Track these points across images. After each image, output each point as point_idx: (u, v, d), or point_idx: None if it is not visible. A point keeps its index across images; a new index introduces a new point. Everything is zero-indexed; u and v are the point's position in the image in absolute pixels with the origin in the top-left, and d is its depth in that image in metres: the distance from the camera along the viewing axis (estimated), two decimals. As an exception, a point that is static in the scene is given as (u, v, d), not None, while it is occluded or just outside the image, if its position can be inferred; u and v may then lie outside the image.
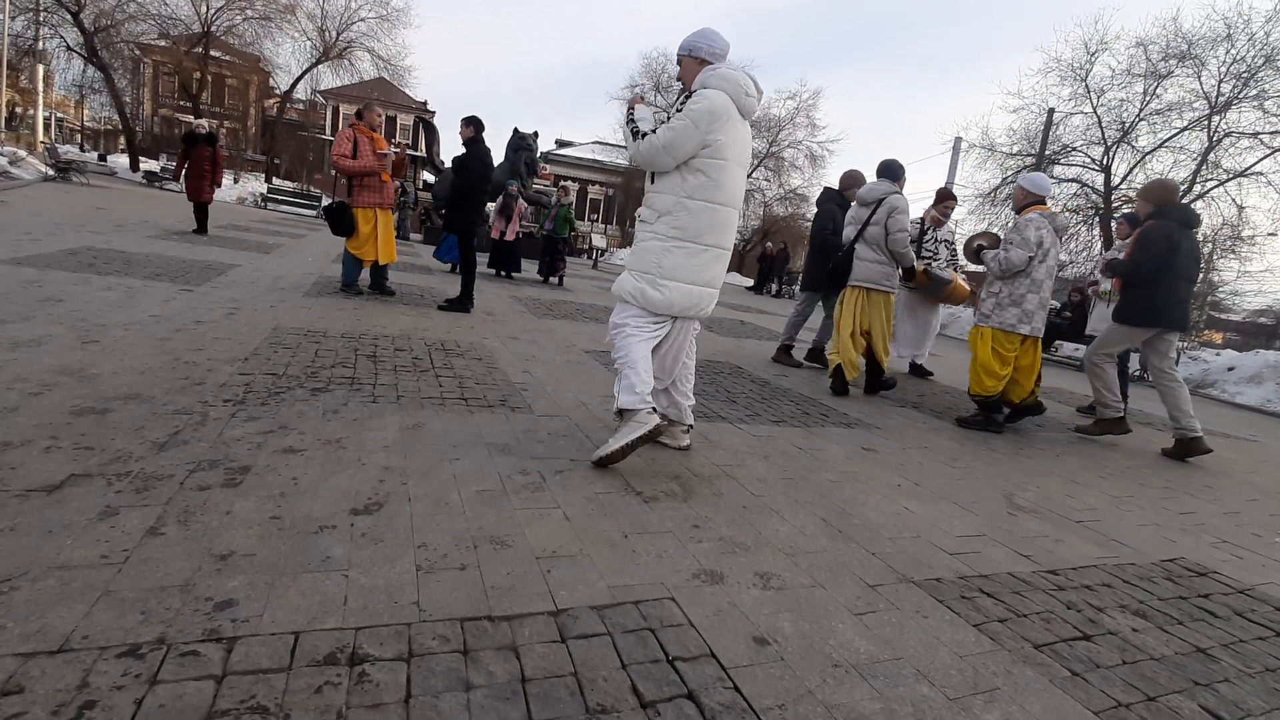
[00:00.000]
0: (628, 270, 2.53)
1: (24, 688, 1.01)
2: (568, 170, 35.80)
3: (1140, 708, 1.42)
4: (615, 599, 1.52)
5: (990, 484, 2.99)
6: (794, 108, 28.20)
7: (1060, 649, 1.61)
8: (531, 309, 6.79)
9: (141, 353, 2.92)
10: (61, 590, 1.25)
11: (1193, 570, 2.33)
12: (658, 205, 2.44)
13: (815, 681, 1.33)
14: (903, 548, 2.09)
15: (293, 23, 26.72)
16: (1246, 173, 15.41)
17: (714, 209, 2.41)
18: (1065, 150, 17.91)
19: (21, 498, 1.56)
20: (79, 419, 2.08)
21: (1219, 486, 3.72)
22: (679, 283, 2.42)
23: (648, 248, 2.46)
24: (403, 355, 3.68)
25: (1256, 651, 1.77)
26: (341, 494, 1.84)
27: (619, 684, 1.23)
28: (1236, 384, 9.27)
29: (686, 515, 2.07)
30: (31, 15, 21.37)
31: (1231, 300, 19.67)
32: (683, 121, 2.29)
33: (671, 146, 2.31)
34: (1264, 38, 14.38)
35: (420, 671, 1.18)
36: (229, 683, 1.08)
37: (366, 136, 5.49)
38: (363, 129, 5.50)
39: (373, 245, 5.62)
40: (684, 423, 2.73)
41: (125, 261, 5.43)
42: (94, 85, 25.61)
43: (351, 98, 40.06)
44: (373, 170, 5.45)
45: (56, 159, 16.36)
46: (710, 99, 2.31)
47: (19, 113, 27.59)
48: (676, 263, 2.41)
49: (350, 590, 1.39)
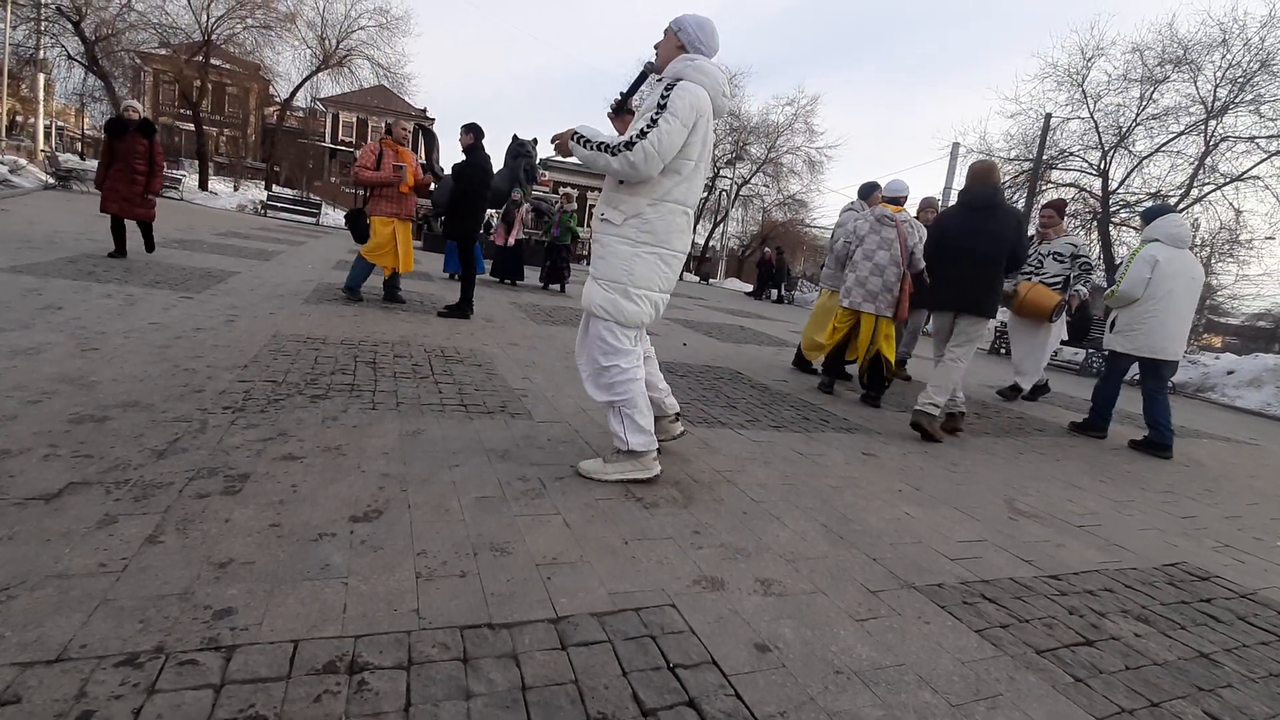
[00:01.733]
0: (593, 279, 2.29)
1: (21, 697, 1.01)
2: (567, 177, 35.91)
3: (1144, 713, 1.41)
4: (616, 606, 1.51)
5: (991, 489, 2.98)
6: (792, 113, 28.33)
7: (1063, 654, 1.61)
8: (531, 315, 6.79)
9: (141, 360, 2.92)
10: (60, 599, 1.25)
11: (1195, 575, 2.32)
12: (626, 207, 2.22)
13: (817, 688, 1.32)
14: (904, 553, 2.08)
15: (293, 31, 26.83)
16: (1243, 177, 15.48)
17: (683, 211, 2.27)
18: (1063, 155, 17.99)
19: (20, 506, 1.56)
20: (78, 427, 2.08)
21: (1220, 490, 3.71)
22: (650, 291, 2.26)
23: (615, 252, 2.23)
24: (402, 362, 3.68)
25: (1260, 656, 1.76)
26: (341, 501, 1.84)
27: (620, 691, 1.22)
28: (1236, 388, 9.27)
29: (687, 521, 2.06)
30: (32, 24, 21.45)
31: (1230, 304, 19.72)
32: (669, 122, 2.07)
33: (664, 151, 2.10)
34: (1259, 43, 14.48)
35: (420, 680, 1.17)
36: (228, 691, 1.08)
37: (392, 150, 5.59)
38: (390, 142, 5.63)
39: (392, 253, 5.68)
40: (669, 414, 2.70)
41: (125, 269, 5.44)
42: (95, 94, 25.74)
43: (351, 105, 40.30)
44: (387, 181, 5.51)
45: (57, 167, 16.40)
46: (693, 93, 2.12)
47: (20, 121, 27.68)
48: (648, 270, 2.23)
49: (350, 598, 1.39)
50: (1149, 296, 4.29)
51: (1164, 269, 4.27)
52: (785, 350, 7.24)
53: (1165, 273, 4.26)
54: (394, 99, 35.98)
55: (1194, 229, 16.74)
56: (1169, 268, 4.27)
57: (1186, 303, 4.32)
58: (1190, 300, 4.35)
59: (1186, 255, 4.37)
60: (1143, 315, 4.32)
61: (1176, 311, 4.28)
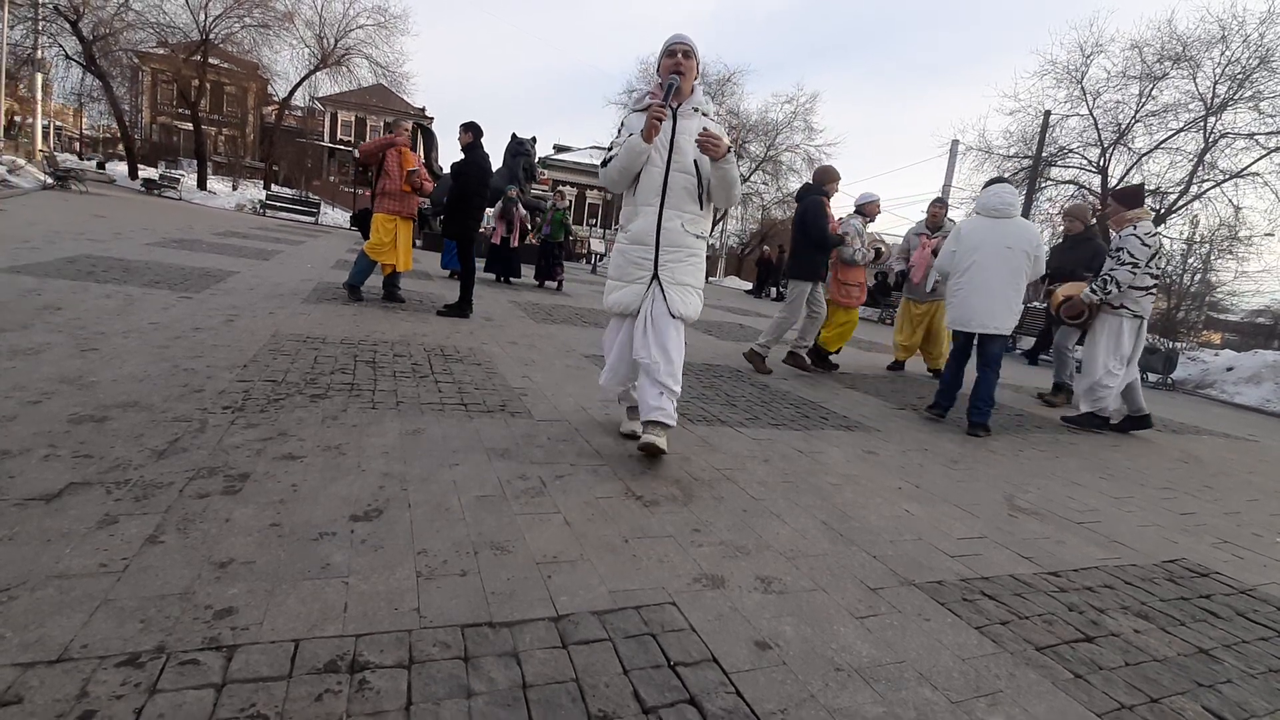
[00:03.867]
0: (694, 290, 2.62)
1: (23, 698, 1.01)
2: (566, 175, 35.91)
3: (1143, 709, 1.42)
4: (616, 604, 1.51)
5: (991, 486, 2.98)
6: (791, 111, 28.28)
7: (1063, 651, 1.61)
8: (531, 314, 6.79)
9: (140, 360, 2.92)
10: (60, 599, 1.25)
11: (1194, 571, 2.32)
12: (705, 226, 2.65)
13: (817, 685, 1.32)
14: (904, 550, 2.08)
15: (291, 30, 26.81)
16: (1243, 173, 15.48)
17: None
18: (1062, 152, 18.00)
19: (20, 506, 1.56)
20: (78, 427, 2.08)
21: (1219, 487, 3.72)
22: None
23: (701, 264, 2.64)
24: (402, 361, 3.68)
25: (1259, 652, 1.77)
26: (341, 500, 1.84)
27: (620, 689, 1.22)
28: (1235, 384, 9.27)
29: (687, 519, 2.07)
30: (30, 24, 21.41)
31: (1229, 300, 19.71)
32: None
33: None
34: (1258, 39, 14.50)
35: (421, 678, 1.17)
36: (229, 691, 1.08)
37: (397, 154, 5.67)
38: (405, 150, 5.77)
39: (394, 251, 5.73)
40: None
41: (124, 269, 5.44)
42: (93, 93, 25.68)
43: (350, 104, 40.23)
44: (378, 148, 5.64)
45: (55, 167, 16.38)
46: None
47: (18, 121, 27.62)
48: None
49: (350, 597, 1.39)
50: (955, 270, 4.22)
51: (967, 241, 4.18)
52: (784, 349, 7.23)
53: (969, 244, 4.17)
54: (392, 98, 35.91)
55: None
56: (973, 239, 4.16)
57: (996, 273, 4.05)
58: (1002, 270, 4.05)
59: (1001, 224, 4.12)
60: (954, 289, 4.25)
61: (983, 283, 4.07)
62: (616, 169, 2.51)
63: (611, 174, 2.54)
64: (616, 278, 2.65)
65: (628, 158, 2.46)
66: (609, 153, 2.56)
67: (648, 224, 2.53)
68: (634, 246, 2.57)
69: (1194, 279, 15.41)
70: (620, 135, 2.53)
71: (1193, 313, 13.44)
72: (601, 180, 2.64)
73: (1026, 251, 4.03)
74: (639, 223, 2.56)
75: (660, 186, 2.49)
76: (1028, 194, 17.53)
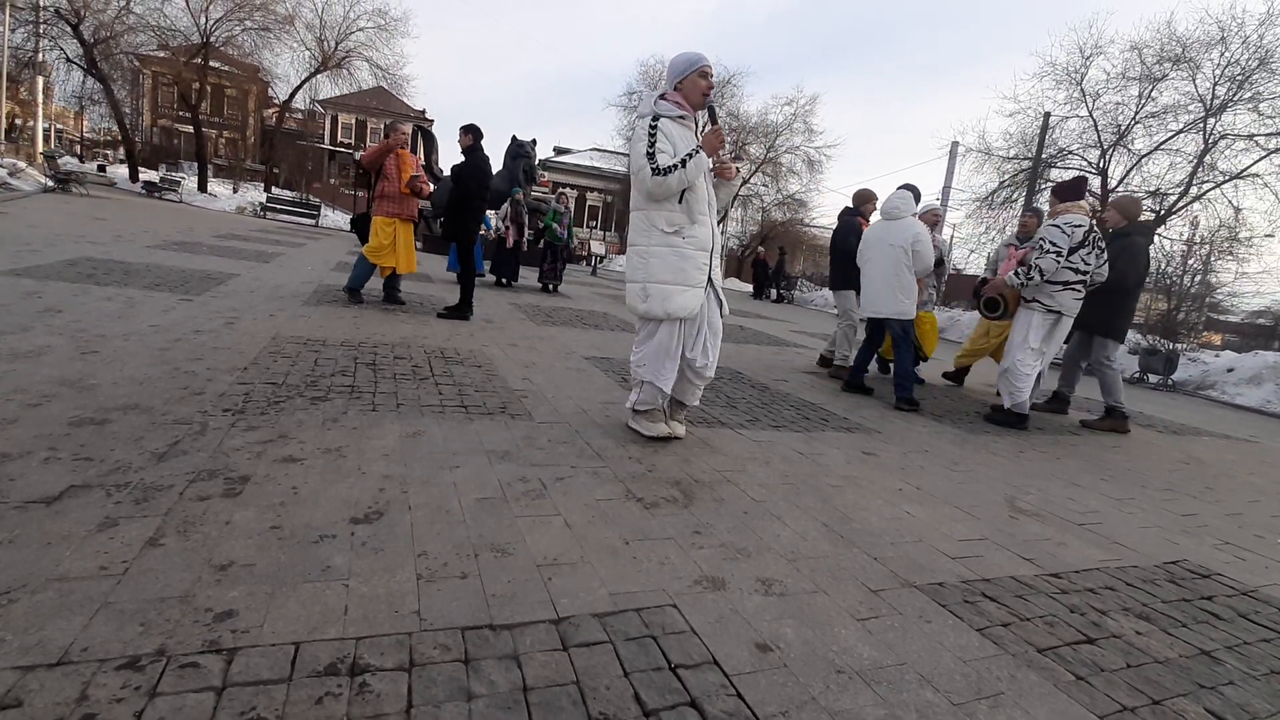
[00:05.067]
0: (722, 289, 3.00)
1: (23, 701, 1.01)
2: (566, 177, 35.87)
3: (1145, 711, 1.41)
4: (617, 606, 1.51)
5: (991, 487, 2.98)
6: (791, 113, 28.29)
7: (1064, 653, 1.61)
8: (531, 316, 6.79)
9: (141, 363, 2.92)
10: (60, 602, 1.25)
11: (1195, 572, 2.32)
12: None
13: (818, 688, 1.32)
14: (905, 552, 2.08)
15: (291, 33, 26.85)
16: (1243, 175, 15.46)
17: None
18: (1062, 154, 17.97)
19: (20, 509, 1.56)
20: (78, 430, 2.08)
21: (1220, 488, 3.71)
22: None
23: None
24: (402, 363, 3.68)
25: (1261, 653, 1.76)
26: (341, 503, 1.84)
27: (621, 692, 1.22)
28: (1236, 385, 9.26)
29: (687, 521, 2.06)
30: (31, 27, 21.46)
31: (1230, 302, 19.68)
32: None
33: None
34: (1258, 40, 14.47)
35: (421, 681, 1.17)
36: (229, 694, 1.08)
37: (395, 158, 5.70)
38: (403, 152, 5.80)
39: (392, 253, 5.73)
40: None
41: (124, 272, 5.44)
42: (93, 96, 25.68)
43: (350, 107, 40.29)
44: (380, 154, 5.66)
45: (56, 170, 16.40)
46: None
47: (19, 124, 27.66)
48: None
49: (351, 600, 1.39)
50: (860, 265, 5.01)
51: (866, 240, 5.00)
52: (785, 350, 7.24)
53: (866, 243, 4.97)
54: (393, 100, 35.95)
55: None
56: (869, 238, 4.97)
57: (880, 266, 4.76)
58: (884, 264, 4.73)
59: (890, 225, 4.79)
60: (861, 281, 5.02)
61: (872, 275, 4.83)
62: (679, 180, 2.62)
63: (671, 184, 2.62)
64: (675, 281, 2.71)
65: (695, 173, 2.63)
66: (656, 161, 2.60)
67: (707, 232, 2.77)
68: (699, 253, 2.75)
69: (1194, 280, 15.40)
70: (660, 142, 2.62)
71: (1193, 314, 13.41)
72: (656, 188, 2.63)
73: (904, 248, 4.65)
74: (700, 230, 2.74)
75: (712, 198, 2.81)
76: (1027, 195, 17.54)
